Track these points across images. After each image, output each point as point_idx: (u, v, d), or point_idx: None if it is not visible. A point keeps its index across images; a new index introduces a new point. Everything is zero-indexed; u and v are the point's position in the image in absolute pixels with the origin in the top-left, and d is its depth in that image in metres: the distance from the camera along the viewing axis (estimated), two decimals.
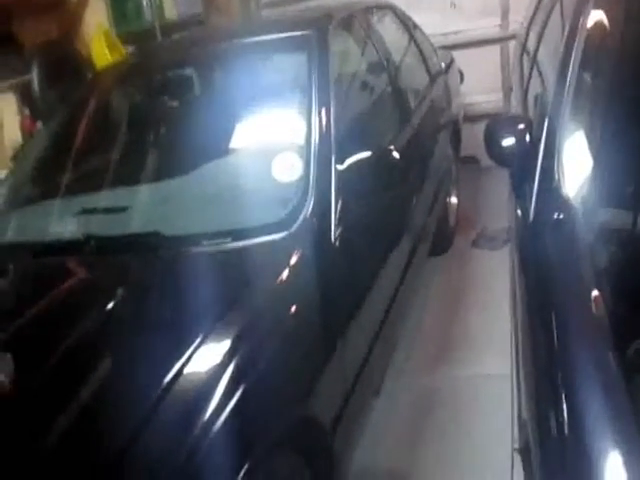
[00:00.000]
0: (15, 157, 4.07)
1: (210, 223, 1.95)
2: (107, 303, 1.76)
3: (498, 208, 4.19)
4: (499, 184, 4.45)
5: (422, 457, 2.30)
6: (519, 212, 2.04)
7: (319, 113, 2.16)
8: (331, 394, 1.83)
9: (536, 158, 1.86)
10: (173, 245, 1.89)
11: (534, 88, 2.68)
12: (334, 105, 2.22)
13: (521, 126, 2.05)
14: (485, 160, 4.76)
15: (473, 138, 4.76)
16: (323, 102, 2.21)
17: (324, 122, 2.15)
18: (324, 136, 2.12)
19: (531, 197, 1.80)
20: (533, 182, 1.82)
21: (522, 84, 3.15)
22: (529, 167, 1.88)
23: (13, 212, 2.43)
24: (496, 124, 2.13)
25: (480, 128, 3.20)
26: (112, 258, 1.95)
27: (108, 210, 2.17)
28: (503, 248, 3.67)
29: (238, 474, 1.32)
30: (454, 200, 4.12)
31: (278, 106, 2.28)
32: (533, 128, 2.03)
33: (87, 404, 1.44)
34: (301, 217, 1.90)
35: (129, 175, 2.31)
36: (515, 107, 3.35)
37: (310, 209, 1.93)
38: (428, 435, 2.40)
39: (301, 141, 2.10)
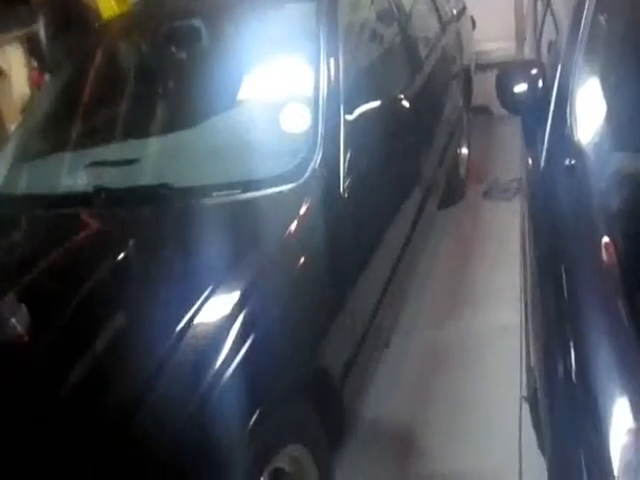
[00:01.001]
0: (24, 110, 4.06)
1: (219, 175, 1.94)
2: (118, 255, 1.77)
3: (510, 159, 4.14)
4: (511, 135, 4.39)
5: (431, 407, 2.33)
6: (530, 160, 2.02)
7: (327, 63, 2.13)
8: (341, 344, 1.85)
9: (548, 104, 1.83)
10: (183, 197, 1.90)
11: (548, 33, 2.61)
12: (343, 54, 2.19)
13: (534, 71, 2.01)
14: (498, 110, 4.72)
15: (485, 87, 4.68)
16: (331, 51, 2.17)
17: (332, 72, 2.12)
18: (332, 86, 2.09)
19: (542, 144, 1.77)
20: (545, 128, 1.80)
21: (536, 30, 3.07)
22: (541, 113, 1.85)
23: (24, 164, 2.42)
24: (508, 70, 2.10)
25: (492, 77, 3.14)
26: (122, 210, 1.96)
27: (118, 162, 2.16)
28: (514, 199, 3.64)
29: (249, 421, 1.35)
30: (465, 151, 4.07)
31: (286, 56, 2.24)
32: (546, 74, 1.98)
33: (101, 353, 1.46)
34: (310, 168, 1.89)
35: (138, 127, 2.30)
36: (528, 54, 3.28)
37: (319, 160, 1.91)
38: (437, 385, 2.43)
39: (309, 91, 2.07)
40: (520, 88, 1.98)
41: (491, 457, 2.06)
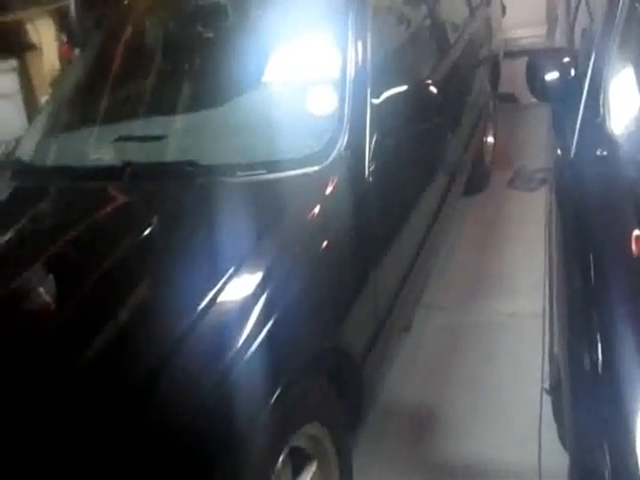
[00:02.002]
0: (54, 83, 4.11)
1: (245, 154, 1.95)
2: (144, 229, 1.78)
3: (535, 148, 4.10)
4: (537, 124, 4.35)
5: (449, 393, 2.33)
6: (559, 149, 1.99)
7: (355, 44, 2.11)
8: (362, 326, 1.87)
9: (580, 93, 1.80)
10: (208, 174, 1.91)
11: (582, 20, 2.57)
12: (371, 36, 2.17)
13: (566, 59, 1.98)
14: (524, 98, 4.67)
15: (512, 75, 4.62)
16: (360, 33, 2.15)
17: (360, 54, 2.10)
18: (360, 68, 2.07)
19: (573, 133, 1.75)
20: (576, 118, 1.77)
21: (569, 16, 3.02)
22: (572, 102, 1.83)
23: (53, 137, 2.45)
24: (539, 57, 2.07)
25: (520, 64, 3.07)
26: (149, 185, 1.98)
27: (145, 138, 2.18)
28: (540, 189, 3.61)
29: (270, 398, 1.36)
30: (490, 138, 4.03)
31: (314, 36, 2.22)
32: (579, 62, 1.96)
33: (125, 324, 1.48)
34: (335, 151, 1.89)
35: (166, 103, 2.30)
36: (560, 41, 3.23)
37: (344, 143, 1.91)
38: (456, 371, 2.43)
39: (337, 73, 2.06)
40: (551, 76, 1.96)
41: (510, 447, 2.06)
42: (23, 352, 1.44)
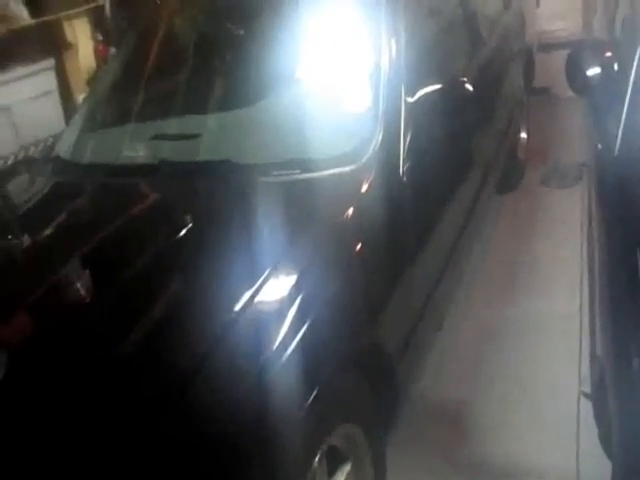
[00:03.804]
0: (90, 81, 4.18)
1: (279, 153, 1.95)
2: (180, 227, 1.79)
3: (570, 144, 4.04)
4: (571, 119, 4.27)
5: (483, 394, 2.31)
6: (600, 145, 1.96)
7: (389, 42, 2.10)
8: (397, 325, 1.87)
9: (624, 88, 1.75)
10: (243, 173, 1.92)
11: (623, 9, 2.50)
12: (405, 32, 2.15)
13: (608, 54, 1.94)
14: (559, 92, 4.58)
15: (547, 68, 4.54)
16: (394, 29, 2.13)
17: (394, 51, 2.09)
18: (394, 66, 2.06)
19: (617, 130, 1.71)
20: (620, 114, 1.73)
21: (608, 6, 2.95)
22: (615, 98, 1.78)
23: (90, 135, 2.49)
24: (580, 52, 2.02)
25: (555, 57, 2.98)
26: (185, 183, 2.00)
27: (181, 136, 2.20)
28: (575, 186, 3.55)
29: (307, 398, 1.36)
30: (524, 134, 3.97)
31: (348, 33, 2.20)
32: (621, 54, 1.91)
33: (162, 322, 1.48)
34: (370, 150, 1.88)
35: (200, 102, 2.31)
36: (599, 31, 3.15)
37: (379, 143, 1.90)
38: (490, 371, 2.41)
39: (371, 71, 2.05)
40: (593, 71, 1.92)
41: (546, 450, 2.03)
42: (63, 347, 1.46)
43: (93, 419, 1.28)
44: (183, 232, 1.78)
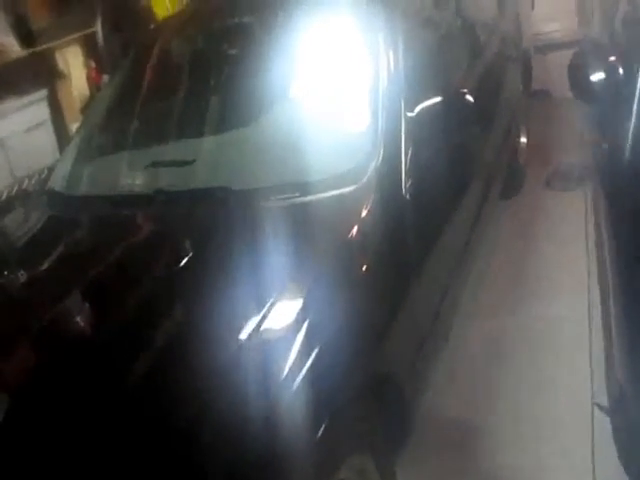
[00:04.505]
0: (84, 109, 4.16)
1: (278, 177, 1.91)
2: (180, 258, 1.75)
3: (570, 146, 4.00)
4: (571, 119, 4.23)
5: (491, 407, 2.25)
6: (608, 150, 1.90)
7: (387, 56, 2.06)
8: (404, 347, 1.82)
9: (632, 91, 1.70)
10: (242, 200, 1.88)
11: (625, 10, 2.45)
12: (402, 45, 2.11)
13: (612, 58, 1.89)
14: (557, 93, 4.54)
15: (544, 70, 4.50)
16: (391, 42, 2.09)
17: (392, 65, 2.05)
18: (393, 81, 2.02)
19: (626, 135, 1.66)
20: (629, 119, 1.67)
21: (606, 6, 2.90)
22: (622, 103, 1.73)
23: (84, 166, 2.46)
24: (582, 57, 1.98)
25: (552, 59, 2.90)
26: (182, 212, 1.96)
27: (177, 163, 2.16)
28: (578, 189, 3.49)
29: (317, 431, 1.32)
30: (524, 138, 3.92)
31: (344, 50, 2.17)
32: (624, 54, 1.86)
33: (167, 356, 1.45)
34: (370, 169, 1.84)
35: (196, 127, 2.29)
36: (597, 33, 3.10)
37: (380, 161, 1.86)
38: (498, 382, 2.35)
39: (369, 88, 2.01)
40: (597, 77, 1.87)
41: (559, 467, 1.97)
42: (63, 387, 1.43)
43: (98, 456, 1.26)
44: (184, 263, 1.74)
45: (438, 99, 2.07)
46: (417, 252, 1.90)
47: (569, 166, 3.74)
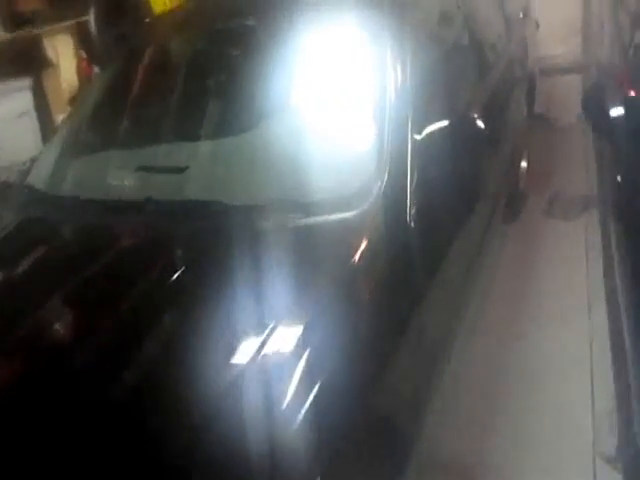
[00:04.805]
0: (72, 100, 3.99)
1: (277, 194, 1.79)
2: (169, 276, 1.62)
3: (571, 172, 3.93)
4: (572, 145, 4.17)
5: (491, 445, 2.16)
6: (624, 181, 1.81)
7: (395, 75, 1.95)
8: (405, 378, 1.71)
9: None
10: (238, 217, 1.75)
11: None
12: (411, 66, 2.00)
13: (632, 93, 1.81)
14: (557, 118, 4.47)
15: (546, 93, 4.43)
16: (399, 62, 1.98)
17: (400, 85, 1.94)
18: (400, 101, 1.91)
19: None
20: None
21: (620, 31, 2.81)
22: None
23: (69, 163, 2.31)
24: (599, 90, 1.90)
25: (554, 82, 2.76)
26: (170, 225, 1.82)
27: (168, 170, 2.03)
28: (580, 218, 3.40)
29: (318, 471, 1.24)
30: (524, 163, 3.84)
31: (351, 67, 2.04)
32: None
33: (160, 389, 1.34)
34: (374, 193, 1.73)
35: (191, 131, 2.15)
36: (609, 59, 3.01)
37: (384, 185, 1.75)
38: (497, 420, 2.24)
39: (376, 107, 1.90)
40: (617, 112, 1.78)
41: None
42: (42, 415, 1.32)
43: None
44: (174, 285, 1.61)
45: (447, 122, 1.98)
46: (420, 282, 1.79)
47: (571, 194, 3.65)
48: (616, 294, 1.75)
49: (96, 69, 3.92)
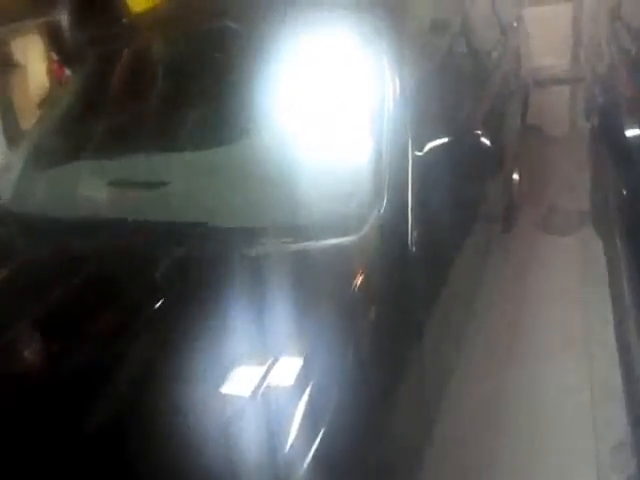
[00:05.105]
0: (41, 105, 3.77)
1: (268, 217, 1.64)
2: (149, 309, 1.46)
3: (564, 185, 3.81)
4: (565, 158, 4.06)
5: None
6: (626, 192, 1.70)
7: (393, 89, 1.80)
8: (409, 414, 1.58)
9: None
10: (223, 241, 1.59)
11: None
12: (410, 78, 1.85)
13: None
14: (549, 130, 4.38)
15: (537, 105, 4.33)
16: (398, 75, 1.83)
17: (399, 99, 1.79)
18: (399, 112, 1.77)
19: None
20: None
21: (622, 41, 2.70)
22: None
23: (36, 174, 2.13)
24: (613, 108, 1.77)
25: (546, 94, 2.64)
26: (151, 251, 1.64)
27: (145, 185, 1.86)
28: (577, 233, 3.28)
29: None
30: (516, 175, 3.72)
31: (347, 80, 1.86)
32: None
33: (151, 440, 1.20)
34: (373, 216, 1.59)
35: (168, 141, 1.97)
36: (606, 71, 2.90)
37: (384, 207, 1.61)
38: (492, 452, 2.11)
39: (374, 123, 1.74)
40: (633, 132, 1.65)
41: None
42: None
43: None
44: (155, 319, 1.44)
45: (447, 137, 1.84)
46: (423, 313, 1.65)
47: (564, 208, 3.54)
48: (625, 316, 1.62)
49: (68, 72, 3.70)
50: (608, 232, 2.75)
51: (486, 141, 1.89)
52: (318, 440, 1.18)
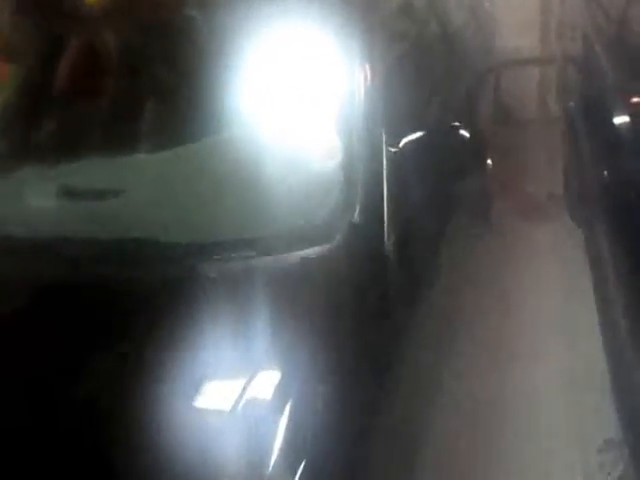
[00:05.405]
0: None
1: (227, 229, 1.48)
2: (105, 339, 1.30)
3: (538, 172, 3.74)
4: (535, 142, 3.98)
5: None
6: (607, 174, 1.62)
7: (365, 80, 1.66)
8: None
9: None
10: (179, 259, 1.44)
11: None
12: (382, 67, 1.73)
13: (635, 99, 1.59)
14: (519, 114, 4.30)
15: (505, 88, 4.25)
16: (370, 64, 1.70)
17: (371, 88, 1.66)
18: (372, 104, 1.64)
19: None
20: None
21: (597, 22, 2.62)
22: None
23: None
24: (599, 96, 1.67)
25: (514, 76, 2.56)
26: (98, 275, 1.45)
27: (92, 194, 1.68)
28: (555, 220, 3.23)
29: None
30: (489, 161, 3.63)
31: (311, 65, 1.71)
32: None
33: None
34: (346, 223, 1.46)
35: (123, 147, 1.78)
36: (584, 52, 2.82)
37: (357, 212, 1.48)
38: (479, 461, 2.01)
39: (342, 118, 1.61)
40: (621, 120, 1.56)
41: None
42: None
43: None
44: (116, 345, 1.29)
45: (426, 131, 1.74)
46: (402, 320, 1.55)
47: (539, 195, 3.49)
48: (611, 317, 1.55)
49: (11, 68, 3.48)
50: (584, 217, 2.71)
51: (465, 133, 1.78)
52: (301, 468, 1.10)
